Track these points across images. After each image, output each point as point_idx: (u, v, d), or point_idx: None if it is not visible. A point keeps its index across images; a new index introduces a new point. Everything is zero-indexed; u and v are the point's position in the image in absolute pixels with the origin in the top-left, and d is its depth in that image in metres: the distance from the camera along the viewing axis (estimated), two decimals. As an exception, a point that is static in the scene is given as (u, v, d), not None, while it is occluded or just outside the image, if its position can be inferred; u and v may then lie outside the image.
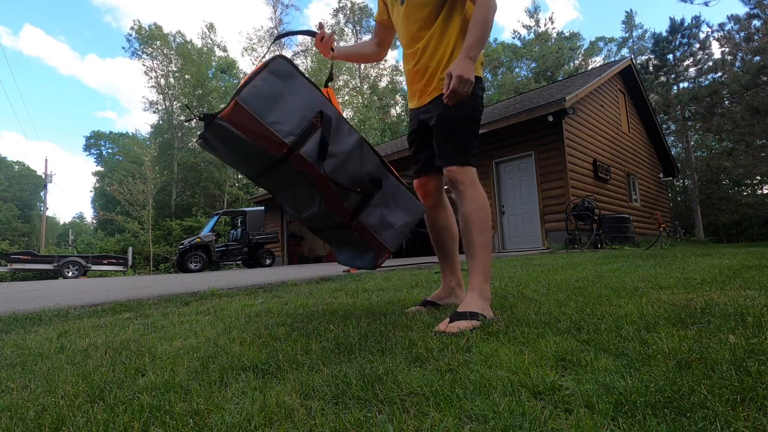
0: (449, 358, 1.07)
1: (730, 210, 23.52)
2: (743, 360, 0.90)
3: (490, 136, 9.31)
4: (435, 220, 1.88)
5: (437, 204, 1.88)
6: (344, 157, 1.42)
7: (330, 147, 1.39)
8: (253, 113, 1.28)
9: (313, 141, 1.36)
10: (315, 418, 0.78)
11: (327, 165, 1.38)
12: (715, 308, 1.41)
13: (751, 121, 13.61)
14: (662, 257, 4.14)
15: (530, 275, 3.03)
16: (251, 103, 1.28)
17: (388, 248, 1.56)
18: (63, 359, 1.36)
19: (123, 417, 0.83)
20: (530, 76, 33.13)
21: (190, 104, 31.32)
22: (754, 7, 13.16)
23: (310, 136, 1.36)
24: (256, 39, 35.79)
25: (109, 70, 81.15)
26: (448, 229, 1.88)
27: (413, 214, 1.62)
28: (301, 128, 1.34)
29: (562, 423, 0.71)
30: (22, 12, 73.84)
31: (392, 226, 1.55)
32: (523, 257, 5.87)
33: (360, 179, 1.47)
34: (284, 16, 38.70)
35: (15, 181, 45.55)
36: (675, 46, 24.26)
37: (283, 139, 1.31)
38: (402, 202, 1.58)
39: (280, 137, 1.30)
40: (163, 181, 28.90)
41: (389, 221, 1.55)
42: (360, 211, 1.50)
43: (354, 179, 1.45)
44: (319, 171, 1.37)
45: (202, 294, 3.12)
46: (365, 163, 1.48)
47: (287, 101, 1.35)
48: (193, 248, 13.05)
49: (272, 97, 1.32)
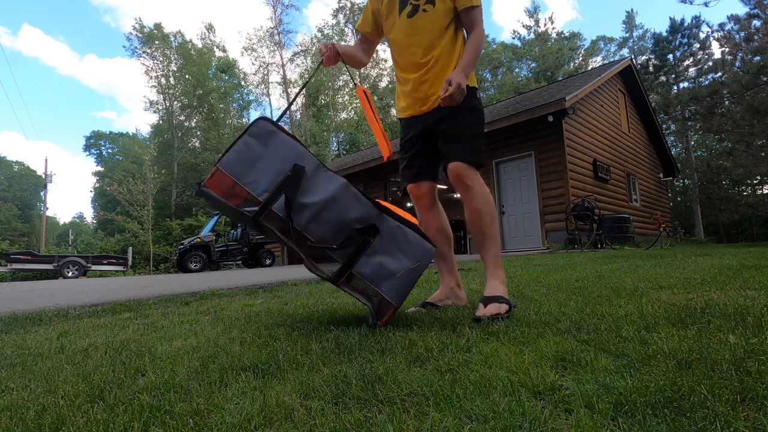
0: (449, 358, 1.07)
1: (730, 210, 23.52)
2: (743, 360, 0.90)
3: (490, 136, 9.30)
4: (429, 222, 1.90)
5: (431, 206, 1.90)
6: (321, 206, 1.37)
7: (302, 197, 1.37)
8: (232, 176, 1.35)
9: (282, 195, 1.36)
10: (315, 418, 0.78)
11: (300, 219, 1.35)
12: (715, 308, 1.41)
13: (751, 121, 13.60)
14: (662, 257, 4.14)
15: (530, 275, 3.03)
16: (230, 168, 1.36)
17: (390, 303, 1.38)
18: (63, 359, 1.36)
19: (123, 417, 0.83)
20: (530, 76, 33.13)
21: (191, 105, 31.34)
22: (754, 7, 13.15)
23: (282, 190, 1.37)
24: (256, 39, 35.90)
25: (108, 70, 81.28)
26: (442, 231, 1.91)
27: (420, 259, 1.43)
28: (276, 184, 1.36)
29: (562, 423, 0.71)
30: (21, 12, 73.95)
31: (393, 274, 1.38)
32: (523, 257, 5.87)
33: (345, 227, 1.38)
34: (284, 16, 38.73)
35: (15, 181, 45.55)
36: (675, 46, 24.25)
37: (257, 197, 1.35)
38: (406, 246, 1.43)
39: (255, 195, 1.35)
40: (163, 181, 28.90)
41: (389, 268, 1.39)
42: (352, 264, 1.38)
43: (338, 228, 1.38)
44: (288, 224, 1.34)
45: (202, 294, 3.12)
46: (351, 208, 1.40)
47: (266, 160, 1.38)
48: (193, 248, 13.04)
49: (250, 159, 1.37)
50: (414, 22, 1.78)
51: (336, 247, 1.36)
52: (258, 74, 35.74)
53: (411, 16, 1.79)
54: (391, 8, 1.85)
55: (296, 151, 1.41)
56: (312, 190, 1.39)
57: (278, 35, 34.58)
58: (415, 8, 1.78)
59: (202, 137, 32.22)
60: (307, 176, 1.39)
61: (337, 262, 1.41)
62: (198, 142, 32.73)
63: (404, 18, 1.81)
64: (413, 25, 1.78)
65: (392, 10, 1.85)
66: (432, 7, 1.76)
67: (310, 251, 1.39)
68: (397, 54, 1.87)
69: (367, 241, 1.39)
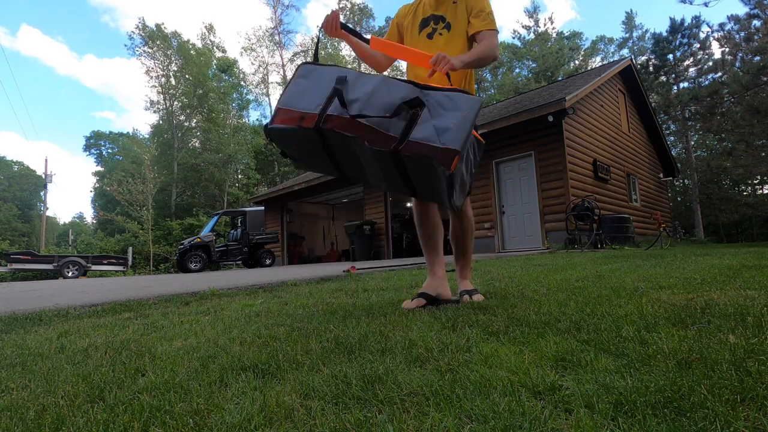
0: (449, 358, 1.07)
1: (730, 210, 23.52)
2: (743, 360, 0.90)
3: (490, 136, 9.30)
4: (426, 216, 2.06)
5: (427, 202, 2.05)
6: (368, 96, 1.54)
7: (350, 95, 1.54)
8: (290, 107, 1.56)
9: (335, 100, 1.54)
10: (315, 418, 0.78)
11: (352, 109, 1.51)
12: (715, 308, 1.41)
13: (751, 121, 13.60)
14: (662, 257, 4.14)
15: (530, 275, 3.03)
16: (287, 102, 1.58)
17: (451, 149, 1.45)
18: (63, 359, 1.36)
19: (123, 417, 0.83)
20: (530, 76, 33.13)
21: (191, 105, 31.33)
22: (754, 7, 13.15)
23: (334, 97, 1.54)
24: (255, 39, 35.91)
25: (107, 70, 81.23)
26: (437, 225, 2.09)
27: (469, 108, 1.52)
28: (326, 97, 1.55)
29: (562, 423, 0.71)
30: (20, 12, 73.64)
31: (448, 128, 1.48)
32: (523, 257, 5.87)
33: (392, 106, 1.51)
34: (284, 16, 38.71)
35: (15, 181, 45.55)
36: (675, 46, 24.23)
37: (313, 111, 1.53)
38: (451, 104, 1.53)
39: (309, 111, 1.53)
40: (163, 181, 28.88)
41: (443, 125, 1.49)
42: (407, 133, 1.48)
43: (385, 109, 1.51)
44: (346, 117, 1.49)
45: (202, 294, 3.12)
46: (393, 92, 1.54)
47: (313, 88, 1.59)
48: (193, 248, 13.04)
49: (300, 92, 1.59)
50: (431, 43, 2.00)
51: (389, 116, 1.49)
52: (257, 74, 35.81)
53: (430, 38, 2.01)
54: (412, 26, 2.07)
55: (337, 70, 1.62)
56: (357, 89, 1.57)
57: (278, 35, 34.63)
58: (434, 31, 2.01)
59: (202, 137, 32.20)
60: (349, 82, 1.58)
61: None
62: (198, 142, 32.72)
63: (423, 38, 2.02)
64: (430, 46, 1.98)
65: (413, 29, 2.06)
66: (447, 32, 1.98)
67: (372, 135, 1.50)
68: (410, 68, 2.07)
69: (416, 114, 1.51)
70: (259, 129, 34.61)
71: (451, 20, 1.99)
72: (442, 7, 2.01)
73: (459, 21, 1.98)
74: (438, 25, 2.00)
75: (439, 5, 2.02)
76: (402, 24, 2.13)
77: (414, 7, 2.11)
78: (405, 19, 2.12)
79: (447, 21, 1.99)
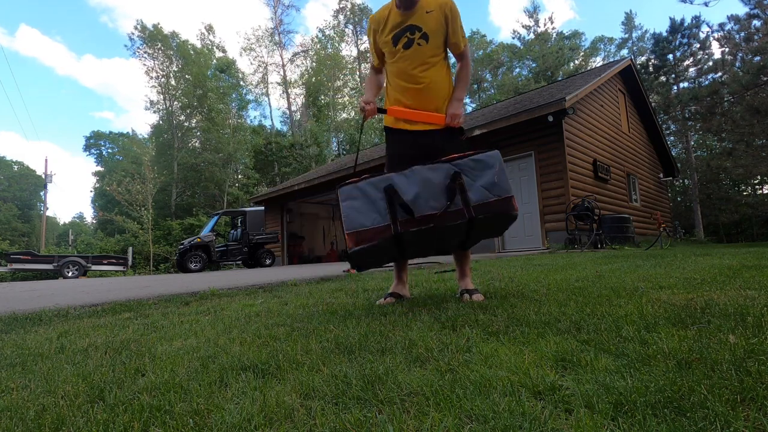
0: (449, 358, 1.07)
1: (730, 210, 23.49)
2: (743, 360, 0.90)
3: (490, 136, 9.30)
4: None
5: None
6: (419, 191, 1.76)
7: (406, 196, 1.75)
8: (359, 229, 1.74)
9: (397, 207, 1.76)
10: (315, 418, 0.78)
11: (417, 210, 1.73)
12: (715, 308, 1.41)
13: (751, 121, 13.60)
14: (662, 257, 4.14)
15: (530, 275, 3.03)
16: (352, 226, 1.74)
17: (506, 196, 1.79)
18: (63, 359, 1.36)
19: (123, 417, 0.83)
20: (530, 76, 33.11)
21: (191, 105, 31.31)
22: (754, 7, 13.15)
23: (394, 204, 1.75)
24: (254, 39, 35.89)
25: (106, 70, 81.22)
26: None
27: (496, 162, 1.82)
28: (384, 208, 1.75)
29: (562, 423, 0.71)
30: (18, 12, 73.37)
31: (493, 183, 1.78)
32: (523, 257, 5.87)
33: (441, 188, 1.76)
34: (284, 16, 38.69)
35: (15, 181, 45.55)
36: (675, 46, 24.21)
37: (383, 223, 1.74)
38: (481, 165, 1.81)
39: (379, 225, 1.74)
40: (163, 181, 28.87)
41: (487, 183, 1.78)
42: (468, 200, 1.76)
43: (438, 193, 1.76)
44: (416, 219, 1.73)
45: (202, 294, 3.12)
46: (434, 177, 1.79)
47: (365, 205, 1.77)
48: (193, 248, 13.03)
49: (357, 212, 1.76)
50: (410, 53, 2.07)
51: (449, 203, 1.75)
52: (257, 74, 35.80)
53: (407, 48, 2.07)
54: (388, 41, 2.13)
55: (374, 182, 1.80)
56: (407, 190, 1.77)
57: (279, 35, 34.63)
58: (410, 41, 2.07)
59: (202, 137, 32.19)
60: (397, 188, 1.78)
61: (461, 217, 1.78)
62: (198, 142, 32.71)
63: (400, 49, 2.09)
64: (409, 56, 2.07)
65: (389, 43, 2.13)
66: (425, 42, 2.05)
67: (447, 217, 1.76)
68: (393, 78, 2.15)
69: (461, 183, 1.78)
70: (258, 129, 34.64)
71: (428, 30, 2.04)
72: (415, 16, 2.04)
73: (437, 32, 2.04)
74: (414, 35, 2.05)
75: (411, 15, 2.05)
76: (378, 40, 2.19)
77: (384, 19, 2.13)
78: (379, 35, 2.17)
79: (423, 31, 2.04)
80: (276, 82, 36.44)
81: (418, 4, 2.04)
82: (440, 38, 2.06)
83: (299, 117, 35.55)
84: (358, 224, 1.74)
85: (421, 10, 2.04)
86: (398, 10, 2.07)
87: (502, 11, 55.27)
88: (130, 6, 64.15)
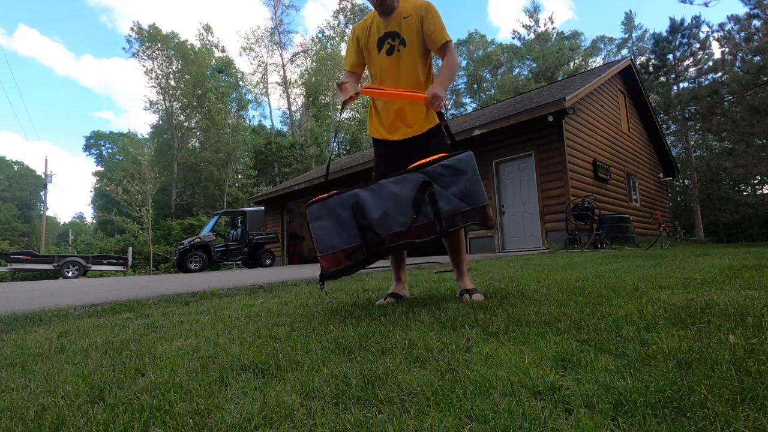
0: (449, 358, 1.07)
1: (730, 210, 23.48)
2: (743, 360, 0.90)
3: (490, 136, 9.30)
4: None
5: None
6: (387, 208, 1.72)
7: (373, 214, 1.72)
8: (330, 251, 1.75)
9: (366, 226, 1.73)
10: (315, 418, 0.78)
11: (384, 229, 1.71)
12: (715, 308, 1.41)
13: (751, 121, 13.60)
14: (662, 257, 4.14)
15: (530, 275, 3.03)
16: (322, 248, 1.75)
17: (479, 205, 1.71)
18: (63, 359, 1.36)
19: (123, 417, 0.83)
20: (530, 76, 33.10)
21: (190, 105, 31.32)
22: (754, 7, 13.15)
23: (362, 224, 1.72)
24: (254, 39, 35.87)
25: (105, 70, 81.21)
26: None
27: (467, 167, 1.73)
28: (353, 227, 1.73)
29: (562, 423, 0.71)
30: (17, 12, 73.31)
31: (465, 192, 1.71)
32: (523, 257, 5.86)
33: (409, 201, 1.71)
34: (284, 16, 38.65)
35: (15, 181, 45.56)
36: (675, 46, 24.19)
37: (353, 244, 1.73)
38: (452, 171, 1.72)
39: (351, 246, 1.74)
40: (163, 181, 28.86)
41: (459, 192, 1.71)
42: (439, 212, 1.71)
43: (407, 207, 1.71)
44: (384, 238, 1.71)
45: (202, 294, 3.12)
46: (402, 190, 1.73)
47: (334, 225, 1.76)
48: (193, 248, 13.03)
49: (328, 234, 1.76)
50: (391, 60, 2.11)
51: (416, 216, 1.71)
52: (256, 74, 35.81)
53: (389, 55, 2.12)
54: (371, 47, 2.17)
55: (340, 200, 1.77)
56: (374, 207, 1.73)
57: (279, 35, 34.63)
58: (392, 48, 2.11)
59: (201, 137, 32.19)
60: (363, 203, 1.74)
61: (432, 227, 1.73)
62: (198, 142, 32.70)
63: (383, 56, 2.13)
64: (390, 62, 2.11)
65: (372, 50, 2.17)
66: (404, 47, 2.09)
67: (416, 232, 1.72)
68: (374, 80, 2.17)
69: (432, 193, 1.71)
70: (258, 129, 34.64)
71: (405, 36, 2.08)
72: (393, 22, 2.10)
73: (414, 36, 2.08)
74: (395, 41, 2.10)
75: (390, 22, 2.11)
76: (361, 46, 2.22)
77: (368, 27, 2.19)
78: (363, 42, 2.20)
79: (402, 36, 2.09)
80: (276, 82, 36.47)
81: (396, 10, 2.09)
82: (418, 41, 2.09)
83: (299, 117, 35.55)
84: (330, 246, 1.75)
85: (399, 16, 2.09)
86: (380, 18, 2.13)
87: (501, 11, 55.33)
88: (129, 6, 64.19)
